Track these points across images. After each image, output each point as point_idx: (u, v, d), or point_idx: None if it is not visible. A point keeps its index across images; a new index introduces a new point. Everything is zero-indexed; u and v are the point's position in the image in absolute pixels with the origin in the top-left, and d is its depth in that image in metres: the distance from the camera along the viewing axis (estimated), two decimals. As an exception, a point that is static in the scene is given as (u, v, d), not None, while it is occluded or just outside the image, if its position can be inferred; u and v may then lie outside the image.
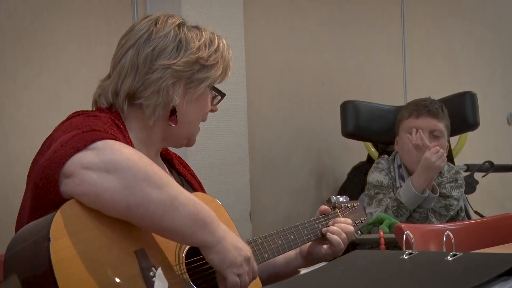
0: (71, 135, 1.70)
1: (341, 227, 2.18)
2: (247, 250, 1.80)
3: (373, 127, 3.87)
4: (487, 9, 5.28)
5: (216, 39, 2.00)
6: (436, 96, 3.57)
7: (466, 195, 3.76)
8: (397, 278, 1.44)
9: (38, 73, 3.12)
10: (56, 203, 1.63)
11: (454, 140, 4.04)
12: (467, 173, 3.96)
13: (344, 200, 2.35)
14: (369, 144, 3.99)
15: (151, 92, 1.91)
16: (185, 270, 1.79)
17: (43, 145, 1.82)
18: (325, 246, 2.18)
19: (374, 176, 3.45)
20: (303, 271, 1.69)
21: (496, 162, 4.14)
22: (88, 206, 1.64)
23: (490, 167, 4.10)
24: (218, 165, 3.56)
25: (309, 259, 2.21)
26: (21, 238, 1.62)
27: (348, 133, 3.90)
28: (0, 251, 1.95)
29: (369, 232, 3.23)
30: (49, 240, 1.53)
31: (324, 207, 2.27)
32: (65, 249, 1.55)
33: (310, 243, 2.20)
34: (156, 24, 1.95)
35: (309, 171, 4.19)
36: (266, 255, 1.99)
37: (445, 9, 4.97)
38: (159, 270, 1.51)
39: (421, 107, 3.42)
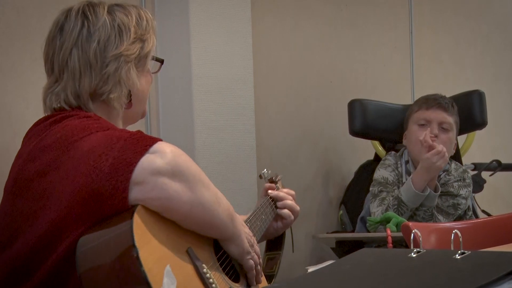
0: (116, 137, 1.71)
1: (289, 200, 2.35)
2: (250, 233, 1.94)
3: (381, 125, 3.87)
4: (494, 7, 5.27)
5: (142, 13, 2.03)
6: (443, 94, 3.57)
7: (473, 194, 3.75)
8: (405, 276, 1.44)
9: (46, 71, 3.12)
10: (118, 210, 1.65)
11: (461, 139, 4.03)
12: (475, 172, 3.96)
13: (270, 172, 2.49)
14: (377, 143, 3.99)
15: (112, 84, 1.92)
16: (219, 265, 1.85)
17: (20, 156, 1.86)
18: (277, 221, 2.33)
19: (380, 173, 3.45)
20: (310, 269, 1.70)
21: (504, 161, 4.13)
22: (155, 210, 1.68)
23: (497, 166, 4.09)
24: (226, 163, 3.56)
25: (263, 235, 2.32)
26: (95, 241, 1.64)
27: (356, 132, 3.90)
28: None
29: (376, 231, 3.23)
30: (136, 248, 1.55)
31: (268, 184, 2.39)
32: (149, 256, 1.58)
33: None
34: (87, 17, 1.94)
35: (316, 170, 4.18)
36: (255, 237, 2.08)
37: (452, 7, 4.97)
38: (168, 267, 1.52)
39: (431, 100, 3.43)
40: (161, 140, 1.73)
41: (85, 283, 1.59)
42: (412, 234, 1.79)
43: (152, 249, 1.61)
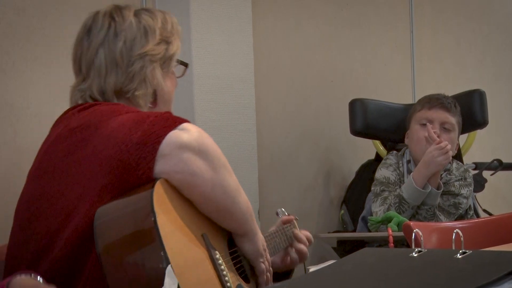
0: (147, 115, 1.75)
1: (305, 247, 2.35)
2: (264, 239, 1.95)
3: (382, 125, 3.87)
4: (495, 8, 5.27)
5: (167, 17, 2.08)
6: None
7: (474, 193, 3.75)
8: (406, 276, 1.43)
9: (47, 70, 3.12)
10: (142, 181, 1.69)
11: (462, 138, 4.03)
12: (476, 171, 3.96)
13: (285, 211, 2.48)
14: (378, 142, 3.99)
15: (138, 82, 1.96)
16: (230, 259, 1.86)
17: (47, 141, 1.85)
18: (282, 260, 2.30)
19: (382, 173, 3.45)
20: (312, 268, 1.70)
21: (505, 160, 4.13)
22: (177, 185, 1.71)
23: (498, 165, 4.09)
24: (226, 163, 3.56)
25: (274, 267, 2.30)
26: (114, 209, 1.66)
27: (357, 131, 3.90)
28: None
29: (377, 230, 3.23)
30: (154, 214, 1.58)
31: (287, 218, 2.40)
32: (166, 225, 1.60)
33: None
34: (113, 19, 1.99)
35: (317, 169, 4.18)
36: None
37: (452, 8, 4.96)
38: (169, 267, 1.52)
39: (434, 100, 3.43)
40: (189, 121, 1.77)
41: (103, 255, 1.62)
42: (414, 234, 1.79)
43: (169, 220, 1.63)
